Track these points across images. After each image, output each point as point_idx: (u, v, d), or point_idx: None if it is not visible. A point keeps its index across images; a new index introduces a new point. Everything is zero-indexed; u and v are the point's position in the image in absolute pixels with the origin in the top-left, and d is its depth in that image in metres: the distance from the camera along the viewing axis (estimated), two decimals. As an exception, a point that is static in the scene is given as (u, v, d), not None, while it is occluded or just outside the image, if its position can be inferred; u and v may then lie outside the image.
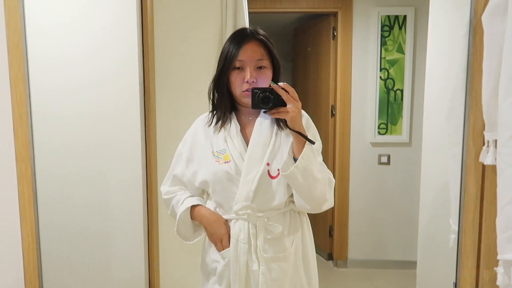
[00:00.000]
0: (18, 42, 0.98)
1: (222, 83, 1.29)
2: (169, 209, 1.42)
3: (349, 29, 3.27)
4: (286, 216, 1.31)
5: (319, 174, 1.22)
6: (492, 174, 1.10)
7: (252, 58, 1.25)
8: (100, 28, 1.67)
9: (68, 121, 1.67)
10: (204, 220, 1.32)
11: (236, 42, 1.26)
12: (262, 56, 1.26)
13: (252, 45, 1.25)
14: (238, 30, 1.34)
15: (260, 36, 1.27)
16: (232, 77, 1.27)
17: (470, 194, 1.13)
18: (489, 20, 1.04)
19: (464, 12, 1.20)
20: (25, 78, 1.02)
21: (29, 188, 1.02)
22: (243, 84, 1.25)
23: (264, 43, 1.27)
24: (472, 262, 1.15)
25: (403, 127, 3.31)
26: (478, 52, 1.09)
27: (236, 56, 1.24)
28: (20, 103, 0.99)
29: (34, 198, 1.06)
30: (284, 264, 1.28)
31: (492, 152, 1.08)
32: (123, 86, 1.70)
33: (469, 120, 1.12)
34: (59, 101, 1.65)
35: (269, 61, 1.28)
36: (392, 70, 3.27)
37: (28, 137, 1.01)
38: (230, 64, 1.25)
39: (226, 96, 1.31)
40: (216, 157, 1.29)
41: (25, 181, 1.01)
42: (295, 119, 1.18)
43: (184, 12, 2.16)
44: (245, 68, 1.25)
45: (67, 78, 1.66)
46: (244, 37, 1.26)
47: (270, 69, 1.29)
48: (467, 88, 1.15)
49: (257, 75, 1.25)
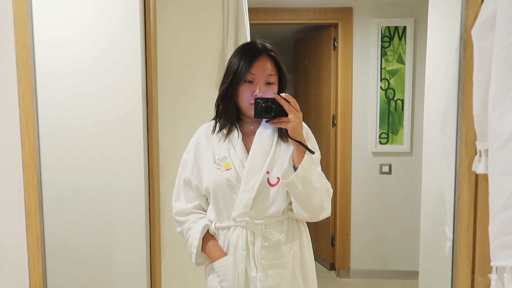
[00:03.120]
0: (27, 57, 1.02)
1: (230, 94, 1.33)
2: (181, 231, 1.45)
3: (350, 40, 3.32)
4: (284, 223, 1.34)
5: (318, 183, 1.26)
6: (484, 183, 1.13)
7: (264, 73, 1.29)
8: (103, 39, 1.70)
9: (72, 131, 1.70)
10: (211, 257, 1.37)
11: (248, 56, 1.30)
12: (272, 71, 1.31)
13: (264, 61, 1.30)
14: (249, 44, 1.39)
15: (271, 53, 1.32)
16: (241, 90, 1.31)
17: (464, 202, 1.16)
18: (478, 34, 1.07)
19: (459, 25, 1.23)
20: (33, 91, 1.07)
21: (35, 197, 1.05)
22: (251, 98, 1.29)
23: (274, 60, 1.32)
24: (467, 269, 1.17)
25: (404, 136, 3.32)
26: (469, 65, 1.12)
27: (248, 70, 1.28)
28: (28, 115, 1.03)
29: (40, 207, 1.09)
30: (282, 271, 1.31)
31: (484, 161, 1.11)
32: (126, 96, 1.72)
33: (462, 131, 1.15)
34: (63, 111, 1.68)
35: (277, 77, 1.33)
36: (392, 80, 3.30)
37: (35, 147, 1.04)
38: (242, 78, 1.29)
39: (232, 106, 1.35)
40: (218, 165, 1.33)
41: (32, 190, 1.05)
42: (296, 129, 1.21)
43: (186, 23, 2.20)
44: (255, 82, 1.29)
45: (71, 89, 1.69)
46: (257, 52, 1.31)
47: (277, 85, 1.33)
48: (459, 99, 1.18)
49: (266, 89, 1.30)
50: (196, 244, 1.36)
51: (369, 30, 3.29)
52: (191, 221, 1.40)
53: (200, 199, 1.42)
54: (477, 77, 1.08)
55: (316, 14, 3.30)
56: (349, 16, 3.29)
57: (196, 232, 1.37)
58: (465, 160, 1.15)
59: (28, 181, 1.05)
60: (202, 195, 1.41)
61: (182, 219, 1.43)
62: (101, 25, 1.70)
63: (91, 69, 1.70)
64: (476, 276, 1.15)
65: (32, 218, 1.06)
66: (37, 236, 1.07)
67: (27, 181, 1.05)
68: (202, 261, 1.41)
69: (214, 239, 1.38)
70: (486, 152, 1.10)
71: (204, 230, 1.37)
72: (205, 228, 1.37)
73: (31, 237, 1.07)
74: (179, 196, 1.45)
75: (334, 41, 3.40)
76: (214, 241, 1.37)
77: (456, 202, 1.19)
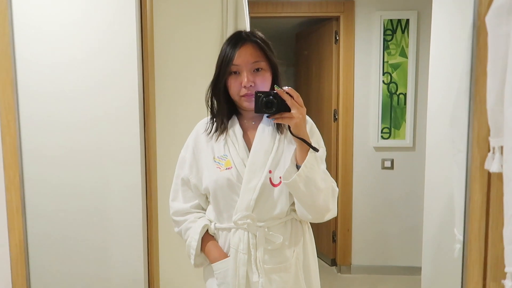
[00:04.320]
0: (6, 48, 0.95)
1: (219, 89, 1.26)
2: (179, 231, 1.39)
3: (352, 33, 3.27)
4: (287, 225, 1.28)
5: (322, 183, 1.18)
6: (498, 182, 1.06)
7: (247, 61, 1.21)
8: (98, 32, 1.64)
9: (66, 127, 1.64)
10: (211, 258, 1.31)
11: (231, 46, 1.23)
12: (258, 58, 1.23)
13: (247, 48, 1.22)
14: (233, 34, 1.31)
15: (254, 38, 1.24)
16: (229, 82, 1.24)
17: (476, 202, 1.09)
18: (493, 21, 0.99)
19: (466, 15, 1.16)
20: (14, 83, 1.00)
21: (17, 196, 0.99)
22: (241, 89, 1.22)
23: (259, 45, 1.24)
24: (478, 274, 1.10)
25: (406, 131, 3.28)
26: (482, 55, 1.05)
27: (232, 60, 1.21)
28: (8, 110, 0.96)
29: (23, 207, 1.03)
30: (285, 275, 1.25)
31: (498, 159, 1.03)
32: (122, 91, 1.67)
33: (474, 126, 1.08)
34: (55, 106, 1.63)
35: (267, 63, 1.25)
36: (395, 74, 3.25)
37: (16, 144, 0.98)
38: (226, 69, 1.22)
39: (225, 102, 1.28)
40: (217, 163, 1.26)
41: (13, 189, 0.99)
42: (299, 125, 1.14)
43: (184, 16, 2.14)
44: (242, 72, 1.22)
45: (63, 83, 1.63)
46: (238, 40, 1.23)
47: (268, 71, 1.25)
48: (471, 92, 1.11)
49: (254, 78, 1.22)
50: (195, 245, 1.30)
51: (371, 23, 3.24)
52: (190, 221, 1.34)
53: (199, 198, 1.36)
54: (491, 68, 1.00)
55: (317, 7, 3.26)
56: (351, 8, 3.24)
57: (195, 232, 1.30)
58: (477, 157, 1.08)
59: (10, 180, 0.98)
60: (201, 194, 1.35)
61: (180, 219, 1.36)
62: (96, 17, 1.64)
63: (85, 63, 1.64)
64: (487, 281, 1.09)
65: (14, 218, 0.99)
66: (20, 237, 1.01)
67: (8, 180, 0.98)
68: (201, 262, 1.35)
69: (214, 239, 1.31)
70: (501, 149, 1.02)
71: (203, 230, 1.30)
72: (205, 228, 1.31)
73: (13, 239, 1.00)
74: (177, 195, 1.38)
75: (335, 34, 3.35)
76: (214, 242, 1.31)
77: (467, 202, 1.12)
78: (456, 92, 1.38)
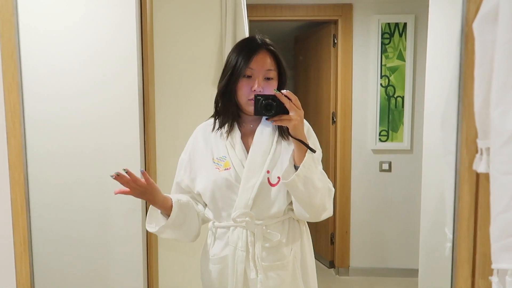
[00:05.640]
0: (12, 52, 0.99)
1: (229, 90, 1.29)
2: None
3: (350, 37, 3.29)
4: (285, 224, 1.31)
5: (320, 182, 1.22)
6: (486, 182, 1.09)
7: (262, 68, 1.26)
8: (98, 34, 1.68)
9: (68, 129, 1.69)
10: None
11: (247, 51, 1.26)
12: (271, 66, 1.27)
13: (263, 55, 1.26)
14: (248, 39, 1.35)
15: (270, 47, 1.29)
16: (240, 85, 1.27)
17: (464, 202, 1.12)
18: (480, 27, 1.03)
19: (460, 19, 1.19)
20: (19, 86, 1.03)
21: (21, 196, 1.02)
22: (250, 93, 1.25)
23: (273, 54, 1.28)
24: (468, 271, 1.14)
25: (404, 134, 3.31)
26: (470, 60, 1.08)
27: (247, 64, 1.24)
28: (14, 112, 0.99)
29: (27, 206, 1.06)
30: (282, 273, 1.28)
31: (486, 160, 1.07)
32: (122, 92, 1.71)
33: (462, 128, 1.12)
34: (58, 108, 1.67)
35: (276, 72, 1.29)
36: (392, 77, 3.27)
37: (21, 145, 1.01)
38: (240, 72, 1.25)
39: (232, 103, 1.31)
40: (216, 164, 1.30)
41: (18, 188, 1.02)
42: (297, 127, 1.17)
43: (183, 19, 2.18)
44: (254, 77, 1.26)
45: (64, 85, 1.67)
46: (256, 46, 1.27)
47: (276, 80, 1.30)
48: (459, 95, 1.14)
49: (264, 85, 1.26)
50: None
51: (369, 26, 3.27)
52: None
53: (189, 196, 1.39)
54: (478, 72, 1.04)
55: (315, 10, 3.28)
56: (349, 12, 3.27)
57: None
58: (465, 158, 1.12)
59: (15, 180, 1.02)
60: (195, 195, 1.38)
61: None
62: (96, 19, 1.68)
63: (86, 65, 1.68)
64: (476, 279, 1.12)
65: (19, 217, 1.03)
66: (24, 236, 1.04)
67: (13, 180, 1.02)
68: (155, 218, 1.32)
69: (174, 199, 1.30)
70: (488, 150, 1.06)
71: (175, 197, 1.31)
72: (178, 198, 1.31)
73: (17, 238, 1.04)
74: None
75: (334, 37, 3.38)
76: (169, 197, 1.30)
77: (456, 202, 1.15)
78: (446, 95, 1.42)
